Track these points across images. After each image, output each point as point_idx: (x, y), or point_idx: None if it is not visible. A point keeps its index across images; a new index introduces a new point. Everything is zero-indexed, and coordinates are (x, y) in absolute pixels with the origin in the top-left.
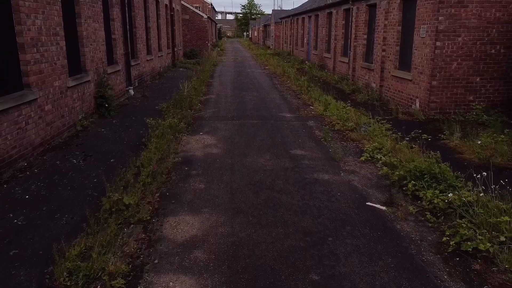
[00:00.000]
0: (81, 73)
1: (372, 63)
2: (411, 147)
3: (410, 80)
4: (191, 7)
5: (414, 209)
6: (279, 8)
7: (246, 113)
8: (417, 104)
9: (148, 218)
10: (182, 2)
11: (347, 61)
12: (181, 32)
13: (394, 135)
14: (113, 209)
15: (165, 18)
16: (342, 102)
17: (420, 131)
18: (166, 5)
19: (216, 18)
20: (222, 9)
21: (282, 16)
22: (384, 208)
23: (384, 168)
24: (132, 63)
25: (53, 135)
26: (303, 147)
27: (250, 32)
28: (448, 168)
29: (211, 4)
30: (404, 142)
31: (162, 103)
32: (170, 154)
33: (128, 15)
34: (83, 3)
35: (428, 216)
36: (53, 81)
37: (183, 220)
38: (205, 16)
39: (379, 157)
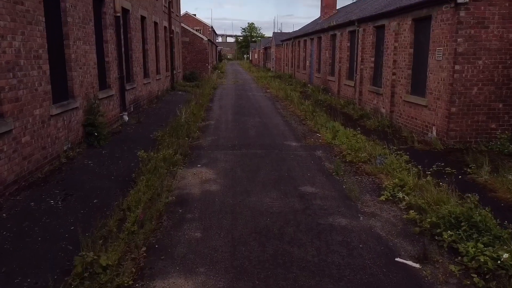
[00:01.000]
0: (67, 99)
1: (381, 87)
2: (438, 185)
3: (425, 106)
4: (191, 30)
5: (455, 268)
6: (279, 31)
7: (248, 141)
8: (434, 132)
9: (131, 282)
10: (182, 24)
11: (353, 85)
12: (181, 54)
13: (414, 168)
14: (87, 274)
15: (164, 40)
16: (351, 129)
17: (442, 164)
18: (165, 27)
19: (217, 40)
20: (222, 32)
21: (283, 39)
22: (417, 265)
23: (411, 212)
24: (127, 87)
25: (31, 170)
26: (313, 182)
27: (250, 55)
28: (490, 215)
29: (212, 27)
30: (428, 178)
31: (157, 130)
32: (163, 193)
33: (123, 37)
34: (72, 23)
35: (476, 279)
36: (33, 109)
37: (174, 285)
38: (205, 39)
39: (401, 196)
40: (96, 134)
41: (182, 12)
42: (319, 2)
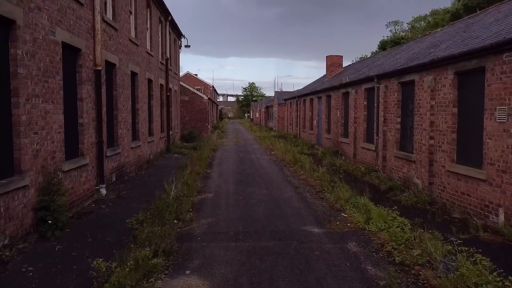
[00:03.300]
0: (12, 175)
1: (412, 153)
2: None
3: (484, 181)
4: (191, 88)
5: None
6: (279, 90)
7: (256, 226)
8: (502, 216)
9: None
10: (181, 83)
11: (373, 149)
12: (179, 113)
13: (507, 282)
14: None
15: (160, 99)
16: (383, 207)
17: None
18: (161, 85)
19: (218, 99)
20: (224, 92)
21: (286, 98)
22: None
23: None
24: (108, 153)
25: None
26: None
27: (251, 113)
28: None
29: (213, 86)
30: None
31: (139, 209)
32: None
33: (107, 94)
34: (25, 76)
35: None
36: None
37: None
38: (206, 98)
39: None
40: (50, 221)
41: (184, 72)
42: (318, 63)
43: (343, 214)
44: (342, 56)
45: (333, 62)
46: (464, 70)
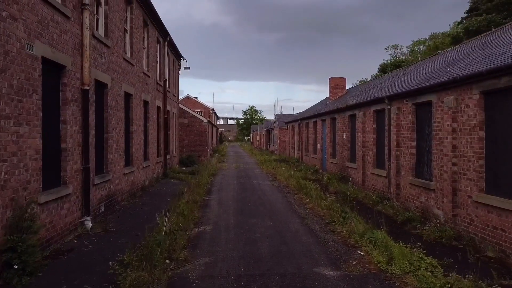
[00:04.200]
0: None
1: (431, 181)
2: None
3: None
4: (190, 111)
5: None
6: (279, 113)
7: (260, 267)
8: None
9: None
10: (180, 105)
11: (384, 175)
12: (177, 137)
13: None
14: None
15: (157, 122)
16: (403, 242)
17: None
18: (158, 107)
19: (218, 123)
20: (224, 115)
21: (288, 120)
22: None
23: None
24: (96, 181)
25: None
26: None
27: (251, 137)
28: None
29: (213, 109)
30: None
31: (126, 247)
32: None
33: (96, 116)
34: None
35: None
36: None
37: None
38: (205, 121)
39: None
40: (17, 266)
41: (184, 95)
42: (317, 87)
43: (360, 252)
44: (345, 78)
45: (336, 84)
46: (492, 89)
